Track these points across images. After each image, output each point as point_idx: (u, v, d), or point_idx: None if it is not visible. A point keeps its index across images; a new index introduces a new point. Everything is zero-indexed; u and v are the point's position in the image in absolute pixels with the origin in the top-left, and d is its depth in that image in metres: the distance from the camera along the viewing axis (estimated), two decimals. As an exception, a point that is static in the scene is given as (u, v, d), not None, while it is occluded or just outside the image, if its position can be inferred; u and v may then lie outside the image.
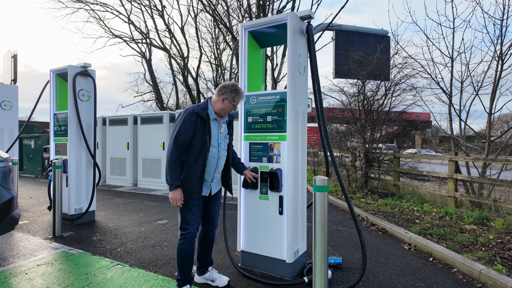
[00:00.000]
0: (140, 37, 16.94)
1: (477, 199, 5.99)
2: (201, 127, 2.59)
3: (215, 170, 2.75)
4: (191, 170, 2.59)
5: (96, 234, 4.63)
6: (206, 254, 2.96)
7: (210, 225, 2.91)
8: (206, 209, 2.87)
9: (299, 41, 3.11)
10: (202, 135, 2.59)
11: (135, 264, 3.51)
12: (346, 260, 3.61)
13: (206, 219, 2.89)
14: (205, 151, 2.59)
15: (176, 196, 2.53)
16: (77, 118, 5.10)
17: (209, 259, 3.00)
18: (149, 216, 5.68)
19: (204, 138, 2.58)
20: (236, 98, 2.69)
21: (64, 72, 5.21)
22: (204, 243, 2.94)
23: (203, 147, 2.58)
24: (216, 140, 2.70)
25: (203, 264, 2.99)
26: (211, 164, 2.69)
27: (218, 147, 2.72)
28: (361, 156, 8.62)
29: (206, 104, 2.73)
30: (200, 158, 2.59)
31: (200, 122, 2.59)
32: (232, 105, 2.70)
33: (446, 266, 3.43)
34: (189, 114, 2.59)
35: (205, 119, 2.61)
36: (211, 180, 2.75)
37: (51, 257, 3.71)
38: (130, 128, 9.43)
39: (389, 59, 8.73)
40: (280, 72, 12.82)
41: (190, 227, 2.66)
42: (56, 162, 4.56)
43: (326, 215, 2.44)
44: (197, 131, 2.57)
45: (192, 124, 2.56)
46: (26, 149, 13.09)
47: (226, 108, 2.70)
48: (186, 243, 2.66)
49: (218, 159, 2.72)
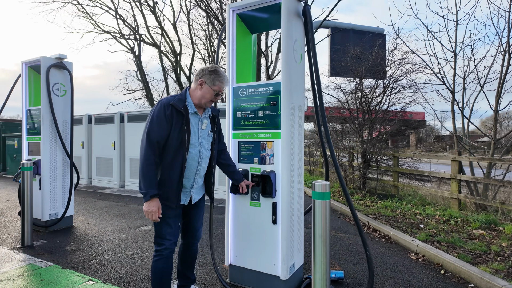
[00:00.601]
0: (130, 32, 16.41)
1: (482, 201, 5.66)
2: (178, 122, 2.14)
3: (196, 175, 2.29)
4: (167, 174, 2.16)
5: (71, 243, 4.18)
6: (188, 270, 2.55)
7: (192, 237, 2.48)
8: (186, 219, 2.44)
9: (295, 25, 2.71)
10: (179, 132, 2.14)
11: (109, 279, 3.08)
12: (348, 273, 3.22)
13: (187, 231, 2.47)
14: (183, 151, 2.15)
15: (153, 208, 2.05)
16: (52, 115, 4.63)
17: (191, 277, 2.58)
18: (132, 222, 5.24)
19: (182, 136, 2.14)
20: (216, 81, 2.22)
21: (37, 64, 4.73)
22: (185, 258, 2.52)
23: (180, 146, 2.14)
24: (196, 139, 2.24)
25: (184, 282, 2.57)
26: (190, 167, 2.24)
27: (199, 146, 2.26)
28: (359, 155, 8.26)
29: (184, 95, 2.25)
30: (177, 161, 2.15)
31: (177, 116, 2.15)
32: (213, 90, 2.23)
33: (461, 280, 3.05)
34: (163, 107, 2.13)
35: (183, 112, 2.16)
36: (190, 186, 2.30)
37: (14, 272, 3.26)
38: (117, 126, 8.95)
39: (385, 57, 8.38)
40: (275, 69, 12.42)
41: (166, 242, 2.22)
42: (24, 164, 4.10)
43: (328, 227, 2.04)
44: (173, 127, 2.13)
45: (167, 118, 2.11)
46: (9, 148, 12.51)
47: (206, 96, 2.23)
48: (161, 260, 2.22)
49: (199, 161, 2.27)
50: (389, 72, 8.02)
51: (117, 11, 15.45)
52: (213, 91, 2.23)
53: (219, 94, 2.26)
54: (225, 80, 2.27)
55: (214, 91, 2.23)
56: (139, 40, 16.48)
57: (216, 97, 2.27)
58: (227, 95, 2.98)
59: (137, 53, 16.79)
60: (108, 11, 15.42)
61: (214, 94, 2.24)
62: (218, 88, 2.24)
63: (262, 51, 10.23)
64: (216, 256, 3.62)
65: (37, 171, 4.65)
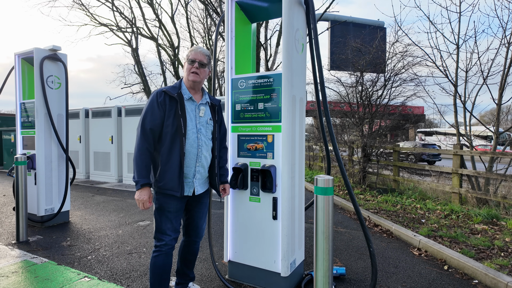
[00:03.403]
0: (127, 25, 16.15)
1: (483, 195, 5.60)
2: (171, 108, 2.11)
3: (197, 163, 2.20)
4: (166, 163, 2.10)
5: (67, 239, 4.10)
6: (187, 268, 2.48)
7: (194, 236, 2.41)
8: (189, 215, 2.36)
9: (296, 13, 2.60)
10: (174, 118, 2.10)
11: (105, 276, 3.01)
12: (349, 270, 3.16)
13: (190, 228, 2.39)
14: (181, 137, 2.09)
15: (143, 197, 2.04)
16: (46, 108, 4.52)
17: (190, 274, 2.51)
18: (130, 217, 5.16)
19: (177, 122, 2.09)
20: (189, 53, 2.20)
21: (30, 56, 4.60)
22: (185, 256, 2.44)
23: (177, 133, 2.09)
24: (193, 125, 2.18)
25: (182, 280, 2.50)
26: (190, 154, 2.15)
27: (198, 133, 2.19)
28: (359, 150, 8.19)
29: (178, 83, 2.24)
30: (175, 147, 2.09)
31: (170, 102, 2.11)
32: (188, 60, 2.19)
33: (465, 276, 3.00)
34: (156, 95, 2.12)
35: (176, 98, 2.12)
36: (192, 175, 2.20)
37: (8, 268, 3.18)
38: (114, 120, 8.83)
39: (385, 51, 8.26)
40: (274, 62, 12.27)
41: (166, 237, 2.16)
42: (18, 158, 4.00)
43: (331, 223, 1.97)
44: (166, 113, 2.09)
45: (159, 105, 2.09)
46: (6, 143, 12.38)
47: (187, 70, 2.20)
48: (160, 256, 2.15)
49: (198, 148, 2.19)
50: (390, 65, 7.91)
51: (114, 3, 15.21)
52: (189, 61, 2.19)
53: (194, 61, 2.17)
54: (196, 48, 2.21)
55: (189, 60, 2.18)
56: (137, 33, 16.26)
57: (193, 65, 2.18)
58: (226, 87, 2.88)
59: (135, 46, 16.58)
60: (104, 3, 15.16)
61: (190, 63, 2.18)
62: (192, 56, 2.18)
63: (261, 44, 10.08)
64: (215, 252, 3.56)
65: (32, 165, 4.56)
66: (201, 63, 2.19)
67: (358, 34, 9.86)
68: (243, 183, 2.71)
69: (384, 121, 8.91)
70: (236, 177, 2.72)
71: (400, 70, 7.71)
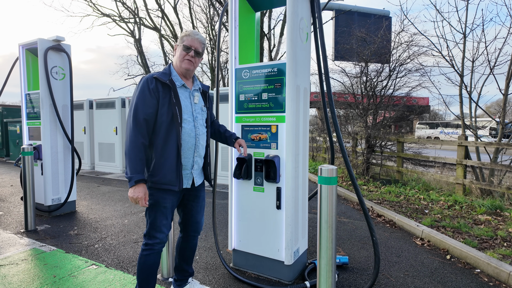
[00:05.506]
0: (129, 15, 16.04)
1: (488, 186, 5.59)
2: (165, 96, 1.95)
3: (195, 153, 2.09)
4: (162, 155, 1.95)
5: (74, 228, 4.18)
6: (186, 264, 2.38)
7: (192, 231, 2.30)
8: (186, 211, 2.25)
9: (301, 1, 2.57)
10: (169, 106, 1.95)
11: (112, 264, 3.08)
12: (352, 259, 3.19)
13: (188, 223, 2.28)
14: (177, 126, 1.96)
15: (138, 194, 1.85)
16: (51, 99, 4.55)
17: (189, 270, 2.43)
18: (135, 207, 5.23)
19: (172, 110, 1.95)
20: (184, 38, 2.03)
21: (34, 46, 4.61)
22: (184, 252, 2.34)
23: (172, 122, 1.95)
24: (190, 113, 2.05)
25: (181, 276, 2.40)
26: (187, 144, 2.03)
27: (194, 121, 2.07)
28: (363, 141, 8.16)
29: (168, 69, 2.06)
30: (171, 138, 1.96)
31: (163, 90, 1.95)
32: (183, 46, 2.01)
33: (467, 265, 3.02)
34: (146, 81, 1.94)
35: (169, 85, 1.97)
36: (191, 166, 2.09)
37: (18, 256, 3.26)
38: (118, 111, 8.86)
39: (390, 41, 8.14)
40: (278, 53, 12.16)
41: (160, 235, 2.03)
42: (25, 148, 4.05)
43: (334, 213, 1.98)
44: (160, 102, 1.93)
45: (152, 93, 1.92)
46: (11, 134, 12.50)
47: (180, 56, 2.03)
48: (152, 256, 2.02)
49: (196, 137, 2.07)
50: (395, 55, 7.81)
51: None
52: (183, 47, 2.02)
53: (190, 49, 2.03)
54: (193, 33, 2.05)
55: (184, 46, 2.02)
56: (139, 24, 16.15)
57: (188, 52, 2.03)
58: (229, 77, 2.87)
59: (137, 37, 16.50)
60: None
61: (184, 49, 2.02)
62: (187, 43, 2.02)
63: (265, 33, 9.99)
64: (219, 241, 3.61)
65: (39, 156, 4.61)
66: (197, 52, 2.05)
67: (363, 23, 9.72)
68: (247, 173, 2.73)
69: (389, 112, 8.85)
70: (240, 167, 2.74)
71: (405, 60, 7.62)
